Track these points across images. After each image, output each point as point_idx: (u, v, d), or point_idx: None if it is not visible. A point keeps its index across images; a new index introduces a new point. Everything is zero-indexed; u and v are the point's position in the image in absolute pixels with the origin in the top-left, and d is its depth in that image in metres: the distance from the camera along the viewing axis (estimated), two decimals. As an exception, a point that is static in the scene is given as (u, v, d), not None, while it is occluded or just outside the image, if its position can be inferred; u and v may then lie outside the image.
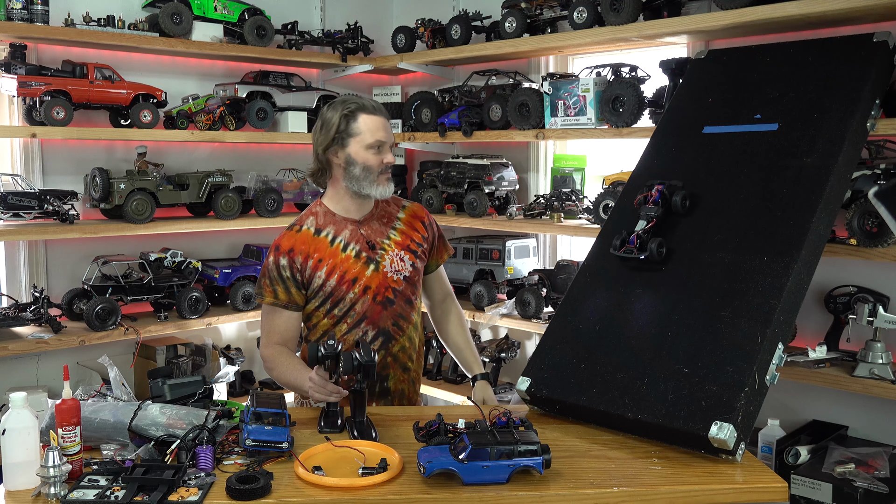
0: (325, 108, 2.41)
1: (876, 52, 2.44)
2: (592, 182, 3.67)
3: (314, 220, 2.42)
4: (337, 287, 2.34)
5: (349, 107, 2.35)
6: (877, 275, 2.75)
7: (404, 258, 2.42)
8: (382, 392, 2.40)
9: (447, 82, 4.15)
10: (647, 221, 2.35)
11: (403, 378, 2.44)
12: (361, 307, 2.35)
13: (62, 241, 3.49)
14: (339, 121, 2.34)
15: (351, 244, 2.38)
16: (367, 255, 2.38)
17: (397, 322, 2.40)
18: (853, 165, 2.41)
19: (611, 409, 2.05)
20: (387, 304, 2.38)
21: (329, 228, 2.40)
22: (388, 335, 2.38)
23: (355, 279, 2.35)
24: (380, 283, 2.37)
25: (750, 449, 1.95)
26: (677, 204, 2.35)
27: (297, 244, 2.37)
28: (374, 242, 2.40)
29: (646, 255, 2.29)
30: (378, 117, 2.36)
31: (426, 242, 2.51)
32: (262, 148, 4.10)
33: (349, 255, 2.36)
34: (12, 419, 1.75)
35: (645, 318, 2.20)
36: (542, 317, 3.46)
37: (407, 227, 2.48)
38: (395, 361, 2.41)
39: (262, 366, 2.50)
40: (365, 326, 2.36)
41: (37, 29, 3.14)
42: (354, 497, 1.71)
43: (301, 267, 2.35)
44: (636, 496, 1.75)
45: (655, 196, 2.37)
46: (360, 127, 2.33)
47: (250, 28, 3.70)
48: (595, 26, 3.15)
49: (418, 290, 2.49)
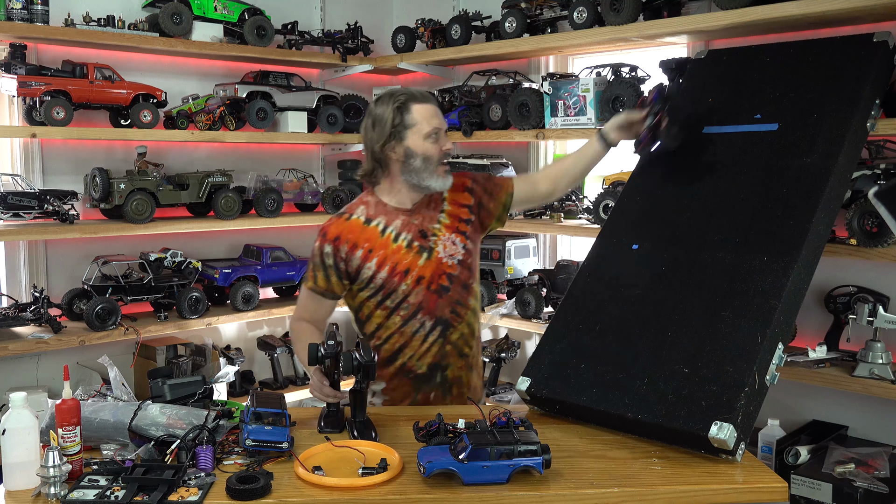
0: (371, 105, 2.38)
1: (876, 52, 2.44)
2: (592, 182, 3.67)
3: (364, 210, 2.38)
4: (388, 279, 2.31)
5: (399, 99, 2.31)
6: (877, 275, 2.75)
7: (456, 241, 2.38)
8: (442, 382, 2.38)
9: (447, 82, 4.15)
10: (653, 118, 2.48)
11: (461, 365, 2.41)
12: (416, 298, 2.32)
13: (62, 241, 3.50)
14: (392, 114, 2.30)
15: (402, 234, 2.34)
16: (420, 244, 2.34)
17: (455, 309, 2.37)
18: (853, 165, 2.40)
19: (611, 409, 2.05)
20: (442, 292, 2.34)
21: (380, 219, 2.36)
22: (446, 324, 2.35)
23: (407, 270, 2.31)
24: (434, 270, 2.33)
25: (750, 449, 1.95)
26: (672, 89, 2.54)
27: (343, 232, 2.34)
28: (425, 230, 2.36)
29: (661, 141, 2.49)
30: (429, 105, 2.33)
31: (474, 210, 2.44)
32: (262, 148, 4.11)
33: (400, 246, 2.33)
34: (12, 419, 1.75)
35: (645, 318, 2.20)
36: (542, 317, 3.46)
37: (453, 206, 2.42)
38: (454, 349, 2.38)
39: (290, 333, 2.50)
40: (421, 317, 2.33)
41: (37, 29, 3.14)
42: (354, 497, 1.71)
43: (346, 256, 2.32)
44: (636, 496, 1.75)
45: (654, 96, 2.50)
46: (415, 117, 2.30)
47: (250, 28, 3.70)
48: (595, 26, 3.15)
49: (475, 273, 2.44)
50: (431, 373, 2.36)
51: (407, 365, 2.35)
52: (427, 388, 2.37)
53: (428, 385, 2.37)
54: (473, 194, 2.47)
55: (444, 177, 2.35)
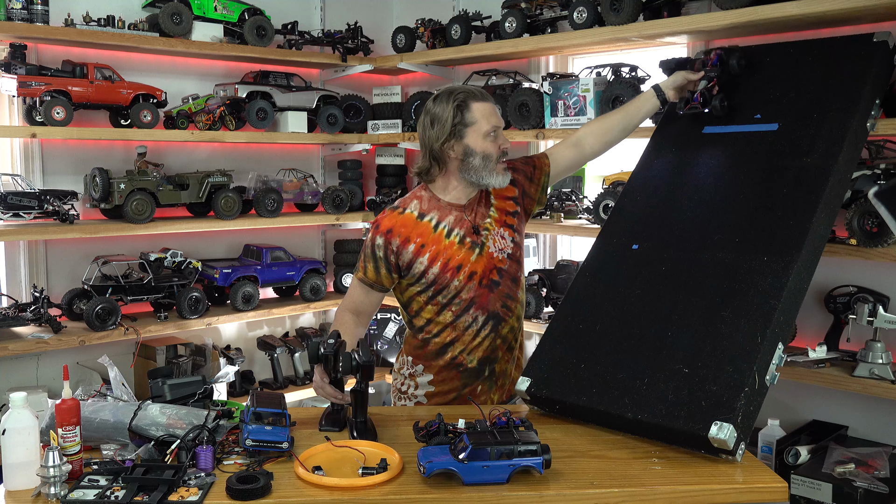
0: (429, 102, 2.37)
1: (876, 52, 2.44)
2: (592, 182, 3.67)
3: (418, 204, 2.38)
4: (441, 275, 2.31)
5: (459, 97, 2.31)
6: (877, 275, 2.75)
7: (505, 235, 2.40)
8: (489, 375, 2.39)
9: (447, 82, 4.15)
10: (709, 81, 2.54)
11: (508, 358, 2.43)
12: (468, 294, 2.33)
13: (62, 241, 3.50)
14: (452, 113, 2.30)
15: (455, 230, 2.35)
16: (472, 239, 2.35)
17: (506, 303, 2.38)
18: (853, 165, 2.40)
19: (611, 409, 2.05)
20: (493, 287, 2.35)
21: (433, 213, 2.36)
22: (497, 318, 2.36)
23: (460, 266, 2.32)
24: (485, 266, 2.34)
25: (750, 449, 1.95)
26: (734, 66, 2.54)
27: (396, 226, 2.34)
28: (478, 226, 2.37)
29: (710, 108, 2.51)
30: (488, 103, 2.34)
31: (519, 201, 2.46)
32: (262, 148, 4.11)
33: (453, 242, 2.33)
34: (12, 419, 1.75)
35: (645, 318, 2.20)
36: (542, 317, 3.46)
37: (499, 200, 2.43)
38: (503, 343, 2.40)
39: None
40: (474, 312, 2.34)
41: (37, 29, 3.15)
42: (354, 497, 1.71)
43: (397, 249, 2.32)
44: (636, 496, 1.75)
45: (714, 59, 2.55)
46: (475, 115, 2.30)
47: (250, 28, 3.70)
48: (595, 26, 3.15)
49: (522, 266, 2.47)
50: (481, 367, 2.38)
51: (457, 359, 2.37)
52: (475, 381, 2.39)
53: (476, 379, 2.39)
54: (517, 185, 2.47)
55: (502, 174, 2.36)
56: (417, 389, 2.42)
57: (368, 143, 4.18)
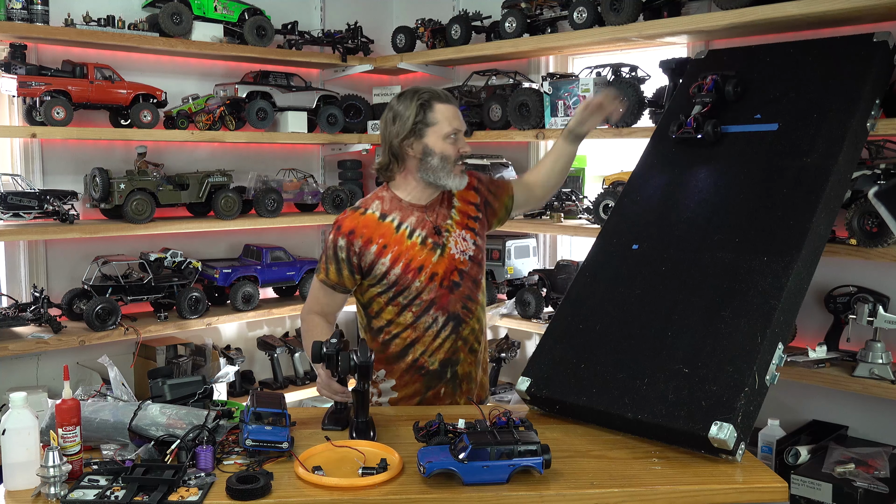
0: (393, 99, 2.38)
1: (876, 52, 2.44)
2: (592, 182, 3.67)
3: (380, 205, 2.38)
4: (402, 275, 2.31)
5: (423, 96, 2.32)
6: (877, 275, 2.75)
7: (466, 237, 2.40)
8: (452, 377, 2.39)
9: (447, 82, 4.15)
10: (703, 106, 2.55)
11: (471, 360, 2.42)
12: (429, 294, 2.33)
13: (62, 241, 3.50)
14: (415, 111, 2.30)
15: (417, 230, 2.35)
16: (434, 240, 2.35)
17: (466, 304, 2.38)
18: (853, 165, 2.40)
19: (611, 409, 2.05)
20: (453, 288, 2.35)
21: (395, 214, 2.36)
22: (458, 319, 2.36)
23: (421, 267, 2.32)
24: (447, 267, 2.34)
25: (750, 449, 1.95)
26: (730, 93, 2.55)
27: (358, 226, 2.33)
28: (439, 227, 2.37)
29: (702, 134, 2.49)
30: (452, 105, 2.34)
31: (481, 208, 2.47)
32: (262, 148, 4.10)
33: (415, 242, 2.33)
34: (12, 419, 1.75)
35: (645, 318, 2.20)
36: (542, 317, 3.46)
37: (462, 203, 2.45)
38: (465, 344, 2.39)
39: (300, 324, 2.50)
40: (434, 313, 2.34)
41: (37, 29, 3.14)
42: (354, 497, 1.71)
43: (360, 251, 2.32)
44: (636, 496, 1.75)
45: (709, 84, 2.58)
46: (437, 116, 2.31)
47: (250, 28, 3.70)
48: (595, 26, 3.15)
49: (483, 269, 2.46)
50: (443, 369, 2.37)
51: (419, 361, 2.36)
52: (438, 384, 2.38)
53: (439, 381, 2.38)
54: (479, 193, 2.49)
55: (460, 176, 2.36)
56: (381, 397, 2.41)
57: (368, 143, 4.18)
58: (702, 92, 2.59)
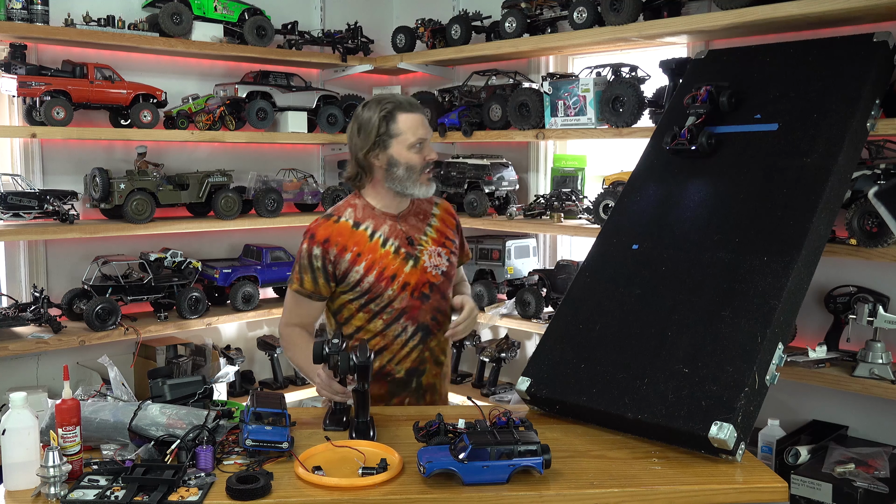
0: (359, 109, 2.38)
1: (876, 52, 2.44)
2: (592, 182, 3.67)
3: (353, 213, 2.39)
4: (376, 283, 2.32)
5: (386, 107, 2.32)
6: (877, 275, 2.75)
7: (441, 253, 2.41)
8: (417, 387, 2.39)
9: (447, 82, 4.15)
10: (697, 118, 2.51)
11: (436, 372, 2.43)
12: (400, 303, 2.34)
13: (62, 241, 3.49)
14: (378, 123, 2.31)
15: (391, 239, 2.36)
16: (407, 250, 2.36)
17: (435, 317, 2.39)
18: (853, 165, 2.40)
19: (611, 409, 2.05)
20: (424, 299, 2.36)
21: (368, 222, 2.37)
22: (427, 330, 2.37)
23: (394, 276, 2.33)
24: (419, 279, 2.35)
25: (750, 449, 1.95)
26: (724, 104, 2.51)
27: (333, 235, 2.34)
28: (412, 238, 2.39)
29: (696, 146, 2.46)
30: (416, 114, 2.34)
31: (457, 238, 2.52)
32: (262, 148, 4.10)
33: (388, 251, 2.34)
34: (12, 419, 1.75)
35: (645, 318, 2.20)
36: (542, 317, 3.46)
37: (440, 224, 2.48)
38: (431, 356, 2.40)
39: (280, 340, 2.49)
40: (404, 322, 2.35)
41: (37, 29, 3.14)
42: (354, 497, 1.71)
43: (335, 259, 2.32)
44: (636, 496, 1.75)
45: (704, 95, 2.54)
46: (401, 127, 2.31)
47: (250, 28, 3.70)
48: (595, 26, 3.15)
49: (452, 286, 2.48)
50: (409, 378, 2.38)
51: (386, 368, 2.36)
52: (402, 392, 2.39)
53: (404, 390, 2.39)
54: (458, 228, 2.56)
55: (427, 185, 2.37)
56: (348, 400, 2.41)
57: (368, 143, 4.17)
58: (696, 103, 2.56)
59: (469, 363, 4.04)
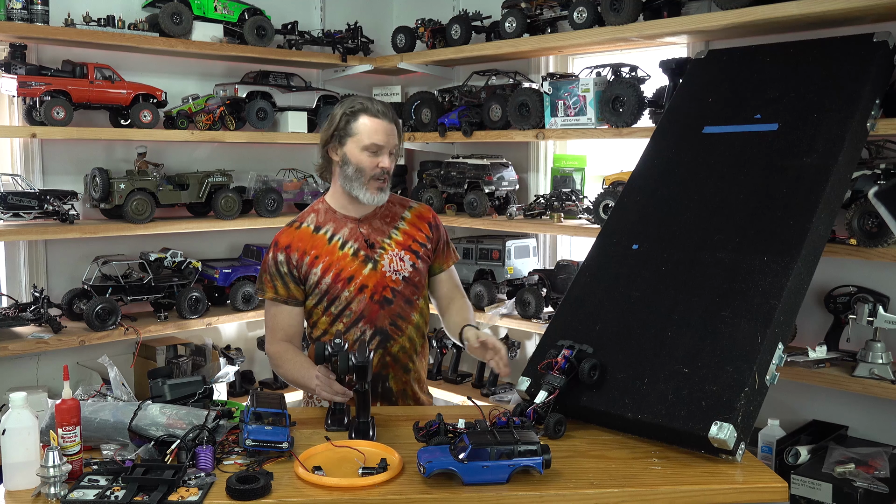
0: (338, 103, 2.42)
1: (876, 52, 2.44)
2: (592, 182, 3.67)
3: (315, 218, 2.43)
4: (332, 285, 2.34)
5: (353, 106, 2.36)
6: (877, 275, 2.75)
7: (404, 258, 2.41)
8: (384, 392, 2.40)
9: (447, 82, 4.15)
10: (549, 393, 2.06)
11: (405, 378, 2.43)
12: (358, 306, 2.35)
13: (62, 241, 3.49)
14: (340, 118, 2.36)
15: (349, 242, 2.38)
16: (366, 253, 2.37)
17: (395, 322, 2.39)
18: (853, 165, 2.41)
19: (611, 409, 2.05)
20: (384, 304, 2.37)
21: (329, 226, 2.40)
22: (385, 335, 2.37)
23: (351, 277, 2.35)
24: (377, 282, 2.36)
25: (750, 449, 1.95)
26: (584, 372, 2.07)
27: (294, 241, 2.38)
28: (373, 241, 2.39)
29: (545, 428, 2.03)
30: (380, 120, 2.34)
31: (430, 243, 2.49)
32: (262, 148, 4.10)
33: (346, 253, 2.36)
34: (12, 419, 1.75)
35: (645, 318, 2.20)
36: (542, 317, 3.46)
37: (410, 228, 2.47)
38: (396, 362, 2.40)
39: (269, 363, 2.49)
40: (363, 326, 2.36)
41: (37, 29, 3.14)
42: (354, 497, 1.71)
43: (297, 263, 2.36)
44: (636, 496, 1.75)
45: (562, 363, 2.11)
46: (359, 128, 2.33)
47: (250, 28, 3.70)
48: (595, 26, 3.15)
49: (420, 291, 2.46)
50: (373, 383, 2.32)
51: None
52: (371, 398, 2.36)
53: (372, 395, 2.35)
54: (434, 233, 2.50)
55: (374, 193, 2.36)
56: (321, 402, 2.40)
57: (368, 143, 4.17)
58: (552, 370, 2.12)
59: (469, 363, 4.03)
